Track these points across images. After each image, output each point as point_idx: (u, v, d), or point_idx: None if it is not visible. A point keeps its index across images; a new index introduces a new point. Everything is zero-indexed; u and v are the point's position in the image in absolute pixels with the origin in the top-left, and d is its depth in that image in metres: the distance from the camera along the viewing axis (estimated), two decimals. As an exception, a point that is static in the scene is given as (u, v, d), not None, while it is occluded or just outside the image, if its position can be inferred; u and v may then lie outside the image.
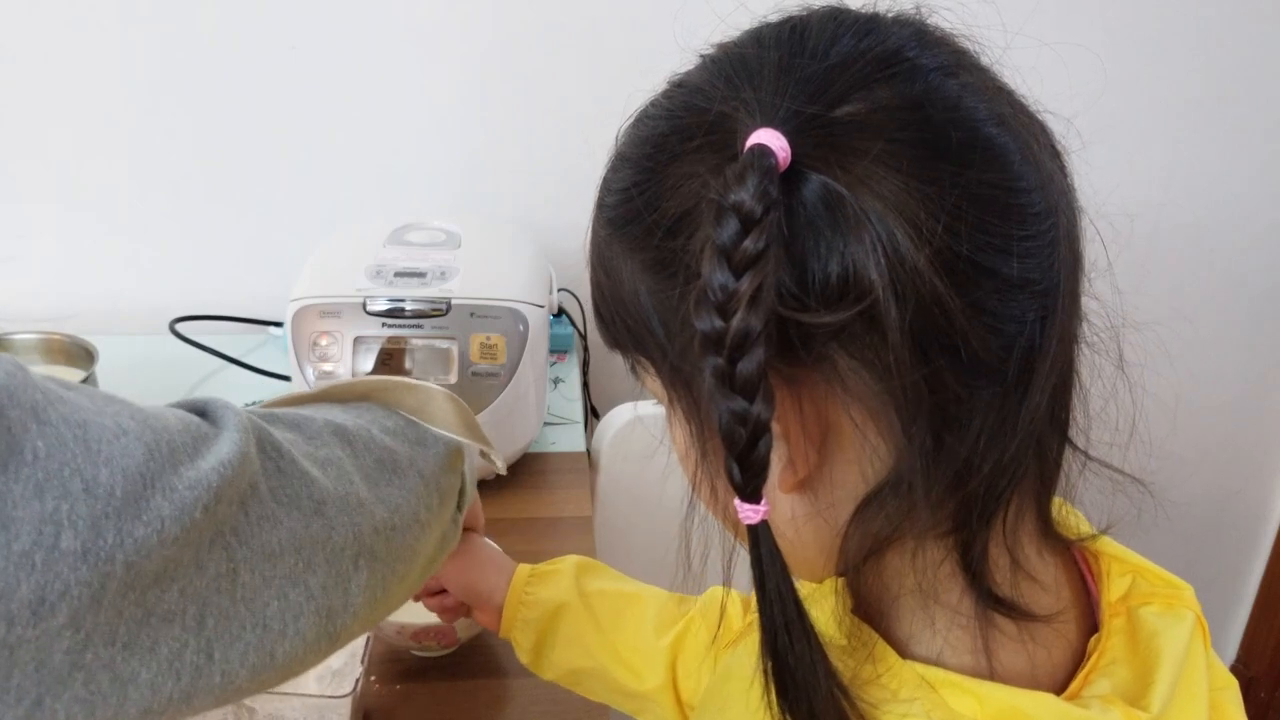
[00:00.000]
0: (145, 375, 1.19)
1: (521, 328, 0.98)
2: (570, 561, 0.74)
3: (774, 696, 0.38)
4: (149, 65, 1.21)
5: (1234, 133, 1.41)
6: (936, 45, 0.38)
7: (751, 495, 0.36)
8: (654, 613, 0.71)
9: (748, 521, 0.37)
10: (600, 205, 0.43)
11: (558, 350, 1.27)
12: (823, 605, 0.43)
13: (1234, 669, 1.76)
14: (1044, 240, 0.36)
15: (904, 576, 0.41)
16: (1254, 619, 1.74)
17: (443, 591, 0.76)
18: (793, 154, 0.35)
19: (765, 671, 0.38)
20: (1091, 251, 0.41)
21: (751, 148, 0.34)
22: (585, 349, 1.31)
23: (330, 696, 0.66)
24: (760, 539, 0.37)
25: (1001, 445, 0.37)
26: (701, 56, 0.41)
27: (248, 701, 0.65)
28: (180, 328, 1.20)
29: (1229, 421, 1.61)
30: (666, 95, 0.41)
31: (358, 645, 0.70)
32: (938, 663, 0.40)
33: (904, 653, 0.41)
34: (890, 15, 0.39)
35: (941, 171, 0.34)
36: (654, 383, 0.44)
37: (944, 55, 0.38)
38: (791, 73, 0.36)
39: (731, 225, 0.34)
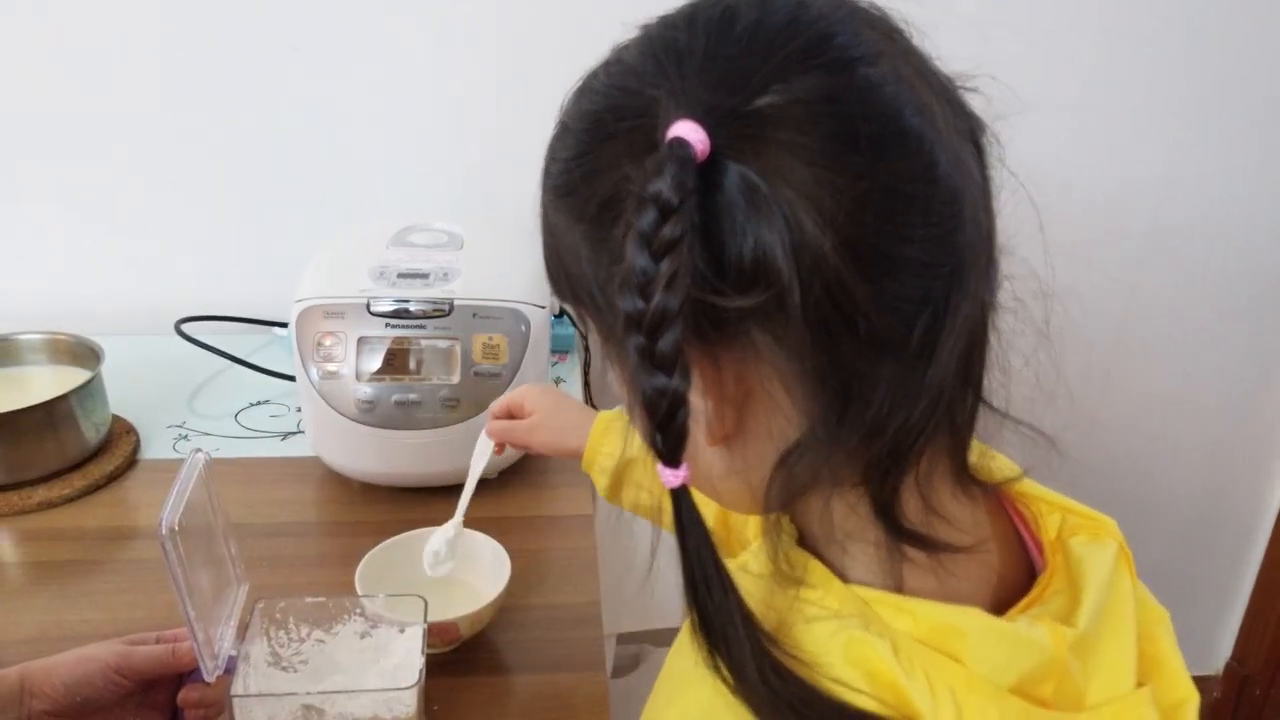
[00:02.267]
0: (151, 375, 1.20)
1: (523, 328, 0.99)
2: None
3: (701, 643, 0.40)
4: (152, 66, 1.21)
5: (1234, 131, 1.41)
6: (866, 28, 0.38)
7: (671, 461, 0.38)
8: None
9: (668, 485, 0.39)
10: (546, 171, 0.44)
11: (559, 350, 1.27)
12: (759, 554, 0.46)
13: (1228, 667, 1.77)
14: (950, 225, 0.38)
15: (822, 516, 0.43)
16: (1249, 617, 1.75)
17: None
18: (711, 145, 0.36)
19: (691, 622, 0.40)
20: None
21: (671, 140, 0.36)
22: (586, 349, 1.32)
23: (396, 689, 0.68)
24: (680, 501, 0.39)
25: (907, 410, 0.39)
26: (642, 29, 0.42)
27: (316, 703, 0.66)
28: (185, 328, 1.21)
29: (1224, 418, 1.61)
30: (606, 69, 0.42)
31: (416, 638, 0.72)
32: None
33: (842, 579, 0.44)
34: None
35: (851, 163, 0.36)
36: (597, 336, 0.46)
37: (871, 40, 0.38)
38: (716, 61, 0.37)
39: (650, 215, 0.35)
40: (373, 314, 0.97)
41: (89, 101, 1.22)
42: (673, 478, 0.39)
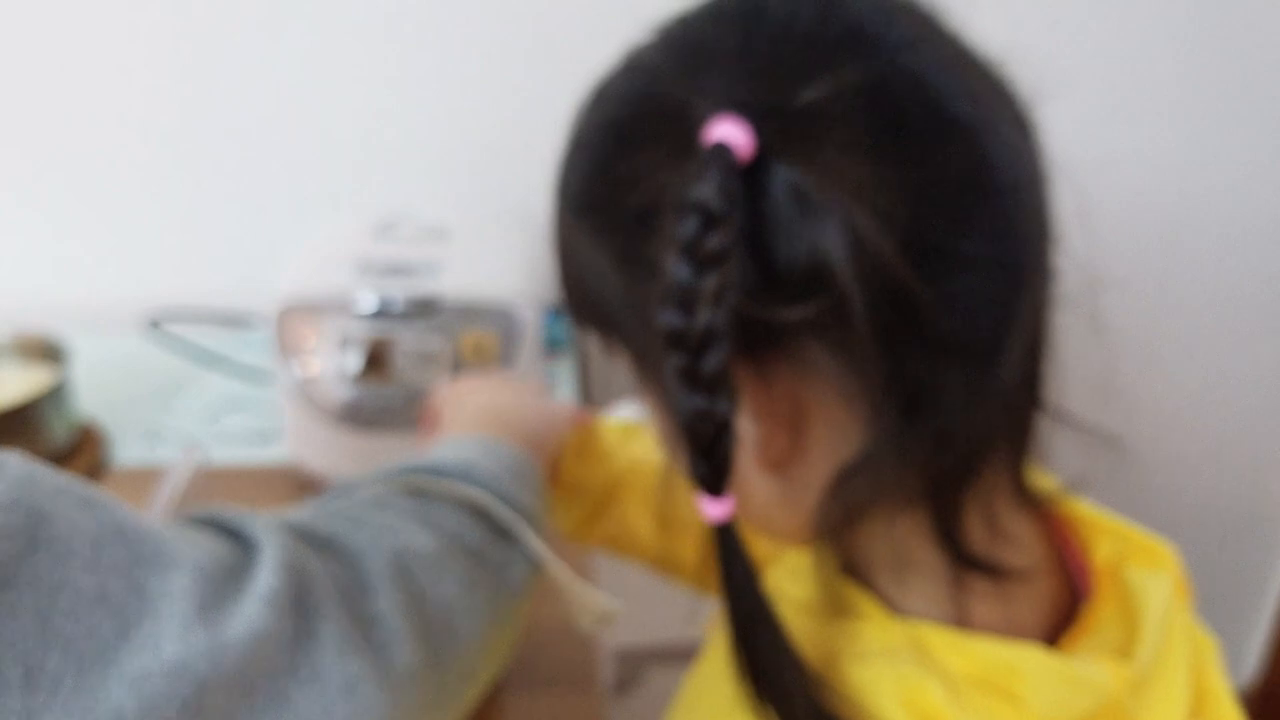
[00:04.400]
0: (122, 375, 1.16)
1: (515, 326, 0.95)
2: (612, 432, 0.73)
3: (749, 690, 0.39)
4: (122, 50, 1.18)
5: (1271, 115, 1.38)
6: (900, 13, 0.37)
7: (716, 490, 0.36)
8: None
9: (712, 518, 0.37)
10: (563, 191, 0.42)
11: (554, 348, 1.24)
12: (801, 574, 0.44)
13: (1253, 682, 1.73)
14: (1010, 218, 0.36)
15: (880, 542, 0.41)
16: (1278, 626, 1.70)
17: None
18: (756, 145, 0.34)
19: (738, 667, 0.39)
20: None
21: (712, 142, 0.34)
22: (582, 347, 1.29)
23: None
24: (724, 537, 0.37)
25: (973, 418, 0.37)
26: (658, 30, 0.40)
27: None
28: (159, 326, 1.19)
29: (1251, 421, 1.58)
30: (624, 75, 0.40)
31: None
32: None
33: (893, 611, 0.42)
34: None
35: (906, 156, 0.34)
36: (626, 361, 0.43)
37: (908, 25, 0.36)
38: (751, 57, 0.36)
39: (693, 223, 0.33)
40: (356, 311, 0.94)
41: (53, 87, 1.19)
42: (716, 509, 0.37)
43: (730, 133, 0.33)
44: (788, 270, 0.34)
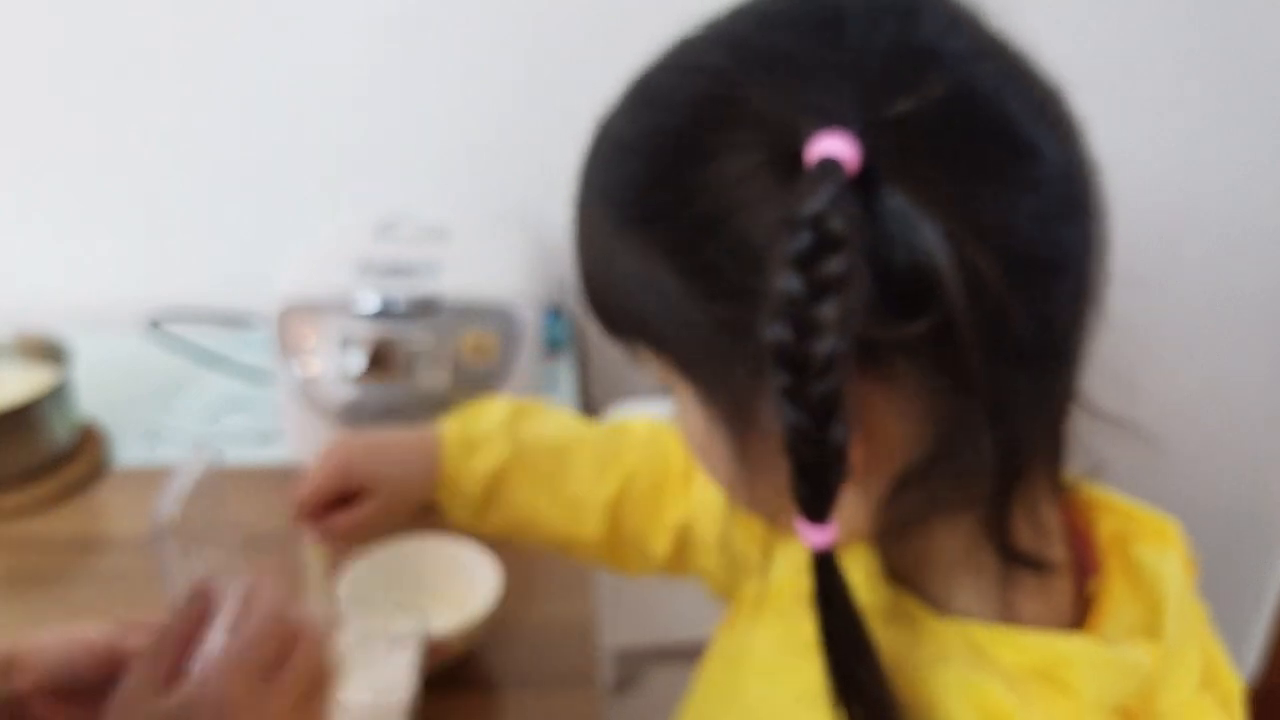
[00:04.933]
0: (122, 375, 1.16)
1: (515, 326, 0.95)
2: (499, 415, 0.71)
3: (845, 711, 0.38)
4: (122, 50, 1.18)
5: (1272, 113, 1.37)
6: (964, 23, 0.36)
7: (818, 516, 0.35)
8: (590, 460, 0.69)
9: (813, 546, 0.36)
10: (603, 197, 0.40)
11: (554, 349, 1.24)
12: (856, 570, 0.43)
13: (1254, 678, 1.72)
14: (1083, 226, 0.37)
15: (933, 544, 0.41)
16: (1278, 624, 1.70)
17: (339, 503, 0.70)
18: (863, 160, 0.33)
19: (835, 690, 0.38)
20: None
21: (820, 157, 0.33)
22: (582, 348, 1.29)
23: (385, 703, 0.66)
24: (824, 563, 0.37)
25: (1039, 420, 0.38)
26: (710, 30, 0.38)
27: None
28: (160, 326, 1.18)
29: (1251, 420, 1.57)
30: (678, 76, 0.38)
31: (408, 652, 0.69)
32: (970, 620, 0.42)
33: (939, 613, 0.42)
34: None
35: (995, 167, 0.34)
36: (663, 371, 0.42)
37: (968, 35, 0.36)
38: (844, 67, 0.34)
39: (806, 238, 0.32)
40: (356, 311, 0.94)
41: (52, 86, 1.19)
42: (819, 536, 0.36)
43: (838, 147, 0.32)
44: (898, 288, 0.33)
